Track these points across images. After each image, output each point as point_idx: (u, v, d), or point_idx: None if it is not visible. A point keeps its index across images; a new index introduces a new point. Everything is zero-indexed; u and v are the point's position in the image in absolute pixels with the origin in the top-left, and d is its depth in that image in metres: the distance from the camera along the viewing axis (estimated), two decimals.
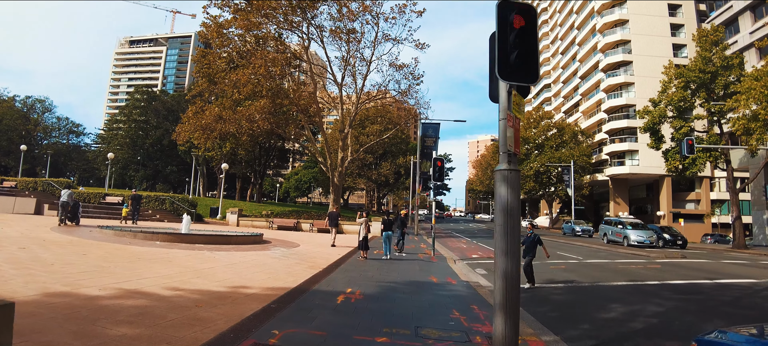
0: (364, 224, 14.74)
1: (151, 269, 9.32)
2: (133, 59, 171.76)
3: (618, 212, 56.97)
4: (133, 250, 12.04)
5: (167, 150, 71.89)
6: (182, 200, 35.13)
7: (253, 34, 31.20)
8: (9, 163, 71.65)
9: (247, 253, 13.61)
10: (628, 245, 26.58)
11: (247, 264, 11.24)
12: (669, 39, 59.01)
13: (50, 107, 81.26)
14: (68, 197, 21.57)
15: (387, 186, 72.83)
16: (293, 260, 12.81)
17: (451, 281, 11.24)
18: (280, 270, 10.65)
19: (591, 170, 62.16)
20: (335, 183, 35.32)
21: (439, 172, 17.21)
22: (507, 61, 5.28)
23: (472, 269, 14.73)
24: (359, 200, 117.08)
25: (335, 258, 14.32)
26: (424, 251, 19.83)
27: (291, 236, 24.50)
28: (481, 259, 18.79)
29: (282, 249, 15.59)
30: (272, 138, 51.16)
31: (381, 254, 16.52)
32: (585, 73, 68.85)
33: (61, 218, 21.06)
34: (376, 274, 11.43)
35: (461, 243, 27.35)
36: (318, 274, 10.56)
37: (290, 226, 30.90)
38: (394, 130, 49.34)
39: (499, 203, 5.36)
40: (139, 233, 14.81)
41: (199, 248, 13.77)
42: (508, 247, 5.31)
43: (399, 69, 33.94)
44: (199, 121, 30.95)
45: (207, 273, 9.38)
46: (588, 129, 65.53)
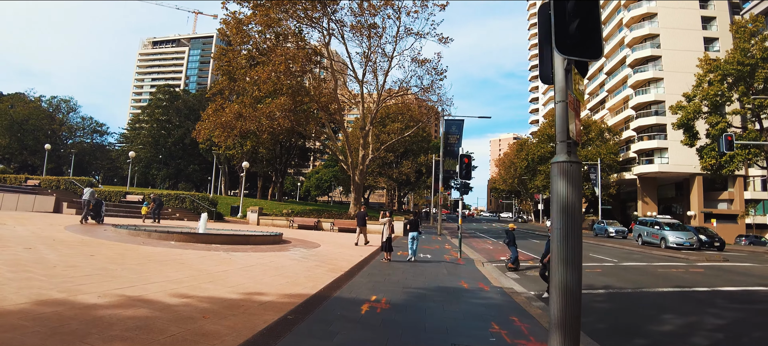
0: (387, 223, 13.96)
1: (160, 272, 8.67)
2: (157, 60, 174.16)
3: (646, 212, 55.11)
4: (145, 251, 11.47)
5: (189, 149, 72.30)
6: (202, 198, 34.86)
7: (272, 31, 30.69)
8: (35, 163, 72.87)
9: (265, 254, 12.95)
10: (666, 246, 25.16)
11: (264, 267, 10.55)
12: (700, 32, 56.74)
13: (75, 107, 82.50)
14: (90, 196, 21.37)
15: (408, 185, 71.97)
16: (313, 262, 12.10)
17: (484, 287, 10.38)
18: (299, 274, 9.93)
19: (618, 169, 60.28)
20: (356, 182, 34.65)
21: (465, 169, 16.31)
22: (565, 32, 4.41)
23: (503, 273, 13.81)
24: (379, 199, 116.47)
25: (357, 260, 13.57)
26: (449, 253, 18.95)
27: (311, 235, 23.87)
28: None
29: (302, 250, 14.90)
30: (293, 136, 50.81)
31: (405, 255, 15.73)
32: (611, 69, 66.85)
33: (83, 217, 20.94)
34: (401, 278, 10.63)
35: (487, 244, 26.38)
36: (340, 278, 9.80)
37: (311, 225, 30.31)
38: (416, 129, 48.41)
39: (557, 202, 4.50)
40: (154, 233, 14.29)
41: (215, 248, 13.16)
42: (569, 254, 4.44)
43: (421, 64, 33.12)
44: (219, 119, 30.59)
45: (220, 277, 8.70)
46: (615, 126, 63.55)
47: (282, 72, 29.61)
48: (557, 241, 4.47)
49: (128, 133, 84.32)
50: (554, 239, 4.53)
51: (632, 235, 30.45)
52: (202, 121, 32.24)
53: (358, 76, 34.47)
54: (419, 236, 15.42)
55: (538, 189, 67.89)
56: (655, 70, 56.29)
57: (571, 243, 4.43)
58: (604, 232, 37.56)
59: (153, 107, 77.07)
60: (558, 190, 4.51)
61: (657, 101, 55.64)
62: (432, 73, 33.06)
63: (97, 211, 21.60)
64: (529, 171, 69.24)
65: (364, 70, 34.19)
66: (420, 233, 15.50)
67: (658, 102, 55.50)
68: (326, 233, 26.98)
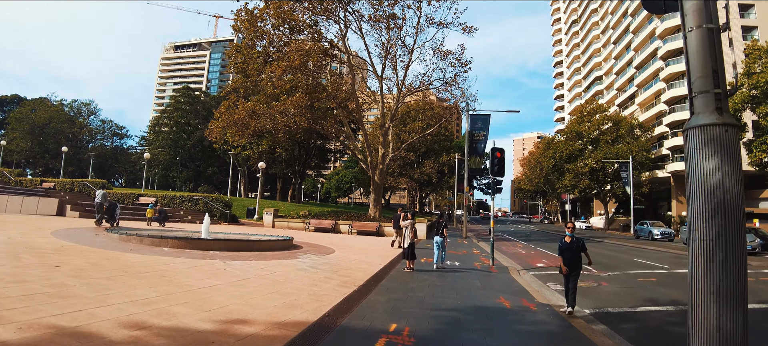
0: (408, 227, 12.06)
1: (128, 289, 6.98)
2: (178, 64, 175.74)
3: (680, 212, 52.16)
4: (127, 260, 9.84)
5: (208, 151, 71.54)
6: (216, 200, 33.53)
7: (286, 25, 29.09)
8: (57, 166, 73.08)
9: (269, 262, 11.22)
10: None
11: (261, 280, 8.80)
12: (737, 20, 53.43)
13: (95, 110, 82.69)
14: (102, 198, 20.39)
15: (430, 185, 69.89)
16: (323, 273, 10.30)
17: (529, 306, 8.45)
18: (302, 290, 8.12)
19: (650, 167, 57.19)
20: (376, 182, 32.88)
21: (498, 164, 14.36)
22: None
23: (544, 284, 11.85)
24: (401, 200, 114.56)
25: (376, 269, 11.75)
26: (479, 259, 16.99)
27: (327, 238, 22.14)
28: (547, 267, 15.79)
29: (312, 257, 13.13)
30: (311, 136, 49.32)
31: (430, 262, 13.87)
32: (641, 62, 63.73)
33: (97, 220, 20.02)
34: (427, 294, 8.75)
35: (517, 248, 24.29)
36: (352, 295, 7.99)
37: (328, 227, 28.63)
38: (437, 126, 46.40)
39: (700, 193, 2.61)
40: (147, 239, 12.70)
41: (212, 256, 11.49)
42: (728, 283, 2.57)
43: (444, 56, 31.16)
44: (232, 117, 29.17)
45: (201, 296, 6.97)
46: (646, 122, 60.33)
47: (297, 67, 28.03)
48: (703, 258, 2.59)
49: (148, 136, 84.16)
50: (696, 253, 2.63)
51: (680, 237, 27.79)
52: (215, 119, 30.85)
53: (376, 71, 32.71)
54: (444, 240, 13.58)
55: (566, 188, 65.09)
56: None
57: (730, 264, 2.55)
58: (647, 234, 34.69)
59: (172, 109, 76.62)
60: (704, 172, 2.63)
61: None
62: (455, 66, 31.09)
63: (111, 213, 20.67)
64: (556, 170, 66.48)
65: (383, 64, 32.43)
66: (445, 237, 13.66)
67: None
68: (344, 237, 25.23)
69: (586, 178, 57.96)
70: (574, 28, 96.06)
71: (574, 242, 8.25)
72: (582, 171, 57.60)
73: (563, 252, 8.23)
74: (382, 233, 27.81)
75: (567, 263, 8.08)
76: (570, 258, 8.11)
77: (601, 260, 18.83)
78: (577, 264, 8.14)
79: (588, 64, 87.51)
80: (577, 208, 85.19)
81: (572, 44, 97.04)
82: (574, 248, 8.16)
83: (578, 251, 8.17)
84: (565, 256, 8.15)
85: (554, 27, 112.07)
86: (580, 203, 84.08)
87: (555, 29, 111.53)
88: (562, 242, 8.30)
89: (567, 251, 8.19)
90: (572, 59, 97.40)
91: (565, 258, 8.16)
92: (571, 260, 8.11)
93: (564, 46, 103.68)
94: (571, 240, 8.24)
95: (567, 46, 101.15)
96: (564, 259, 8.17)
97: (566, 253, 8.18)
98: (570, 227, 8.45)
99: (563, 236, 8.35)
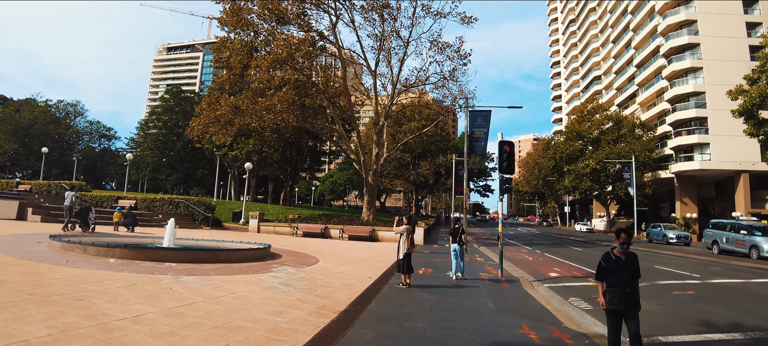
0: (404, 234, 9.97)
1: (14, 323, 4.94)
2: (171, 65, 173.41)
3: (685, 213, 50.40)
4: (49, 276, 7.78)
5: (198, 153, 69.34)
6: (198, 203, 31.37)
7: (272, 13, 26.98)
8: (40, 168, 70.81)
9: (232, 278, 9.16)
10: (759, 256, 20.32)
11: (211, 307, 6.72)
12: (742, 16, 51.92)
13: (82, 111, 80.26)
14: (71, 201, 18.55)
15: (426, 187, 67.85)
16: (296, 294, 8.21)
17: (562, 338, 6.44)
18: (260, 323, 6.00)
19: (653, 167, 55.42)
20: (370, 183, 30.84)
21: (507, 159, 12.37)
22: None
23: (566, 301, 9.87)
24: (396, 202, 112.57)
25: (364, 286, 9.69)
26: (484, 268, 14.96)
27: (315, 245, 20.06)
28: (562, 278, 13.83)
29: (289, 270, 11.04)
30: (303, 137, 47.18)
31: (428, 272, 11.87)
32: (642, 60, 61.92)
33: (65, 224, 18.32)
34: (429, 325, 6.70)
35: (522, 253, 22.30)
36: (328, 328, 5.93)
37: (317, 232, 26.53)
38: (433, 126, 44.36)
39: None
40: (91, 248, 10.63)
41: (164, 269, 9.43)
42: None
43: (441, 49, 29.17)
44: (214, 113, 27.07)
45: (110, 336, 4.90)
46: (648, 121, 58.50)
47: (285, 60, 25.97)
48: None
49: (138, 138, 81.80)
50: None
51: (703, 241, 25.65)
52: (196, 116, 28.74)
53: (370, 66, 30.67)
54: (463, 248, 11.80)
55: (566, 190, 63.27)
56: (693, 59, 51.48)
57: None
58: (662, 237, 32.61)
59: (161, 111, 74.37)
60: None
61: (696, 93, 50.78)
62: (454, 58, 29.08)
63: (84, 218, 18.77)
64: (556, 171, 64.68)
65: (377, 59, 30.40)
66: (464, 244, 11.85)
67: (698, 93, 50.68)
68: (333, 242, 23.15)
69: (588, 179, 56.17)
70: (572, 27, 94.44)
71: (630, 260, 5.26)
72: (583, 172, 55.80)
73: (609, 275, 5.23)
74: (375, 238, 25.76)
75: (618, 295, 5.11)
76: (623, 286, 5.13)
77: None
78: (635, 297, 5.16)
79: (586, 63, 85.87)
80: (576, 210, 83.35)
81: (570, 44, 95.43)
82: (631, 270, 5.20)
83: (636, 274, 5.25)
84: (614, 280, 5.19)
85: (551, 27, 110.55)
86: (579, 205, 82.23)
87: (552, 29, 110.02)
88: (606, 259, 5.31)
89: (618, 273, 5.18)
90: (570, 59, 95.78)
91: (613, 285, 5.20)
92: (624, 286, 5.12)
93: (561, 47, 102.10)
94: (626, 258, 5.25)
95: (564, 46, 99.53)
96: (611, 287, 5.21)
97: (616, 276, 5.17)
98: (623, 238, 5.25)
99: (609, 251, 5.40)
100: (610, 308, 5.17)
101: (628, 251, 5.29)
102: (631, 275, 5.19)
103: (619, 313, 5.14)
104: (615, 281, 5.18)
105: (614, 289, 5.17)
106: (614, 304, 5.12)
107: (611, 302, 5.15)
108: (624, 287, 5.13)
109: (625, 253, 5.26)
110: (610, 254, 5.33)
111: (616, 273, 5.19)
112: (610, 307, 5.15)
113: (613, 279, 5.20)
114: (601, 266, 5.33)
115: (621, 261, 5.24)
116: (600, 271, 5.34)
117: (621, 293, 5.11)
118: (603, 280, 5.31)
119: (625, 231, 5.27)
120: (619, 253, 5.27)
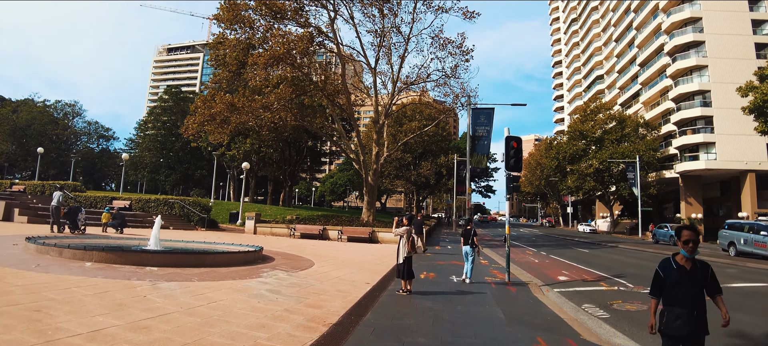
0: (404, 236, 9.16)
1: None
2: (171, 66, 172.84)
3: (690, 214, 49.64)
4: (12, 282, 7.01)
5: (197, 153, 68.64)
6: (194, 203, 30.61)
7: (269, 9, 26.19)
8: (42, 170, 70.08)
9: (216, 285, 8.38)
10: None
11: (185, 319, 5.94)
12: (747, 14, 51.19)
13: (80, 111, 79.45)
14: (58, 201, 18.12)
15: (427, 187, 67.04)
16: (284, 303, 7.41)
17: None
18: (237, 339, 5.15)
19: (657, 167, 54.62)
20: (370, 183, 30.07)
21: (515, 156, 11.58)
22: None
23: (579, 308, 9.09)
24: (397, 203, 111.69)
25: (361, 291, 8.91)
26: (488, 271, 14.16)
27: (311, 247, 19.28)
28: (572, 281, 13.03)
29: (280, 274, 10.25)
30: (302, 136, 46.39)
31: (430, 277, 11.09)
32: (645, 59, 61.13)
33: (52, 225, 17.91)
34: (430, 337, 5.89)
35: (528, 255, 21.49)
36: (316, 345, 5.16)
37: (315, 233, 25.74)
38: (434, 125, 43.54)
39: None
40: (67, 250, 9.85)
41: (143, 274, 8.65)
42: None
43: (443, 45, 28.40)
44: (209, 111, 26.32)
45: None
46: (651, 121, 57.73)
47: (282, 57, 25.20)
48: None
49: (136, 139, 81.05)
50: None
51: (719, 242, 24.71)
52: (191, 114, 27.99)
53: (370, 63, 29.91)
54: (475, 251, 11.11)
55: (569, 190, 62.43)
56: (698, 56, 50.70)
57: None
58: (669, 238, 31.74)
59: (160, 111, 73.62)
60: None
61: (701, 91, 49.98)
62: (456, 54, 28.30)
63: (73, 218, 18.20)
64: (558, 171, 63.86)
65: (377, 55, 29.65)
66: (476, 246, 11.14)
67: (703, 92, 49.88)
68: (331, 244, 22.36)
69: (591, 179, 55.32)
70: (574, 26, 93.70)
71: (699, 270, 3.94)
72: (586, 172, 54.95)
73: (668, 289, 3.98)
74: (375, 239, 24.97)
75: (681, 316, 3.83)
76: (688, 305, 3.84)
77: (629, 270, 16.14)
78: (703, 320, 3.85)
79: (588, 63, 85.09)
80: (578, 211, 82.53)
81: (572, 43, 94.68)
82: (699, 281, 3.90)
83: (710, 284, 3.95)
84: (675, 297, 3.91)
85: (553, 27, 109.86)
86: (581, 205, 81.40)
87: (553, 29, 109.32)
88: (665, 268, 4.05)
89: (681, 287, 3.89)
90: (572, 59, 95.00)
91: (673, 303, 3.92)
92: (690, 305, 3.84)
93: (563, 46, 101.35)
94: (693, 266, 3.95)
95: (566, 45, 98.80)
96: (671, 306, 3.93)
97: (679, 291, 3.89)
98: (687, 236, 3.96)
99: (669, 257, 4.11)
100: (665, 332, 3.93)
101: (696, 257, 4.00)
102: (700, 289, 3.88)
103: (680, 340, 3.87)
104: (676, 298, 3.89)
105: (676, 309, 3.88)
106: (674, 328, 3.85)
107: (669, 326, 3.89)
108: (689, 307, 3.83)
109: (692, 259, 3.97)
110: (670, 262, 4.05)
111: (679, 287, 3.89)
112: (667, 331, 3.91)
113: (673, 295, 3.92)
114: (658, 276, 4.06)
115: (685, 271, 3.91)
116: (656, 283, 4.08)
117: (685, 315, 3.81)
118: (659, 296, 4.07)
119: (690, 228, 4.04)
120: (683, 260, 3.98)
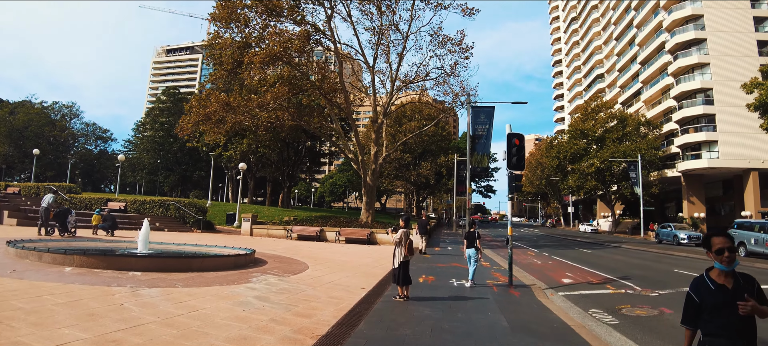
0: (401, 239, 8.64)
1: None
2: (170, 67, 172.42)
3: (692, 213, 49.12)
4: None
5: (195, 154, 68.17)
6: (189, 205, 30.14)
7: (265, 7, 25.73)
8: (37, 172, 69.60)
9: (201, 291, 7.90)
10: None
11: (159, 332, 5.45)
12: (749, 11, 50.73)
13: (78, 113, 78.99)
14: (49, 203, 17.75)
15: (427, 188, 66.55)
16: (271, 312, 6.91)
17: None
18: None
19: (659, 166, 54.11)
20: (368, 184, 29.61)
21: (517, 153, 11.11)
22: None
23: (587, 313, 8.60)
24: (397, 204, 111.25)
25: (356, 298, 8.42)
26: (490, 273, 13.67)
27: (307, 249, 18.80)
28: (576, 284, 12.53)
29: (271, 279, 9.76)
30: (300, 136, 45.93)
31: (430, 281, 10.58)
32: (646, 57, 60.64)
33: (40, 226, 17.59)
34: None
35: (530, 256, 21.01)
36: None
37: (312, 235, 25.27)
38: (433, 126, 43.09)
39: None
40: (47, 254, 9.38)
41: (124, 280, 8.17)
42: None
43: (442, 43, 27.96)
44: (204, 110, 25.87)
45: None
46: (653, 119, 57.20)
47: (278, 55, 24.75)
48: None
49: (135, 140, 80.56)
50: None
51: None
52: (185, 113, 27.53)
53: (368, 61, 29.47)
54: (478, 252, 10.71)
55: (570, 190, 61.92)
56: (700, 54, 50.23)
57: None
58: (672, 238, 31.17)
59: (157, 112, 73.14)
60: None
61: (703, 89, 49.50)
62: (455, 52, 27.84)
63: (62, 220, 17.85)
64: (559, 171, 63.35)
65: (375, 54, 29.22)
66: (479, 249, 10.72)
67: (705, 89, 49.41)
68: (328, 246, 21.87)
69: (593, 178, 54.80)
70: (574, 25, 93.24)
71: (743, 285, 2.94)
72: (588, 171, 54.42)
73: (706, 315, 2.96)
74: (374, 240, 24.49)
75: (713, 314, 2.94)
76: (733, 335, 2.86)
77: (635, 272, 15.61)
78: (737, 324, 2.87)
79: (588, 62, 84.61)
80: (579, 210, 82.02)
81: (572, 43, 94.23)
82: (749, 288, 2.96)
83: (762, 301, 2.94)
84: (715, 324, 2.93)
85: (552, 26, 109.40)
86: (582, 205, 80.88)
87: (553, 28, 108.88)
88: (699, 289, 3.02)
89: (723, 310, 2.89)
90: (572, 58, 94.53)
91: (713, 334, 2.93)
92: (735, 335, 2.86)
93: (563, 45, 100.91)
94: (735, 282, 2.96)
95: (566, 44, 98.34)
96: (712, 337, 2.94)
97: (720, 315, 2.91)
98: (721, 243, 2.99)
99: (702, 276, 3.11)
100: None
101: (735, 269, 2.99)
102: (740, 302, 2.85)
103: None
104: (716, 326, 2.92)
105: (720, 341, 2.90)
106: None
107: None
108: (734, 337, 2.86)
109: (732, 273, 2.98)
110: (705, 281, 3.06)
111: (720, 311, 2.90)
112: None
113: (714, 323, 2.93)
114: (691, 301, 3.05)
115: (727, 291, 2.93)
116: (689, 310, 3.06)
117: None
118: (695, 325, 3.05)
119: (722, 234, 3.07)
120: (721, 276, 3.00)
